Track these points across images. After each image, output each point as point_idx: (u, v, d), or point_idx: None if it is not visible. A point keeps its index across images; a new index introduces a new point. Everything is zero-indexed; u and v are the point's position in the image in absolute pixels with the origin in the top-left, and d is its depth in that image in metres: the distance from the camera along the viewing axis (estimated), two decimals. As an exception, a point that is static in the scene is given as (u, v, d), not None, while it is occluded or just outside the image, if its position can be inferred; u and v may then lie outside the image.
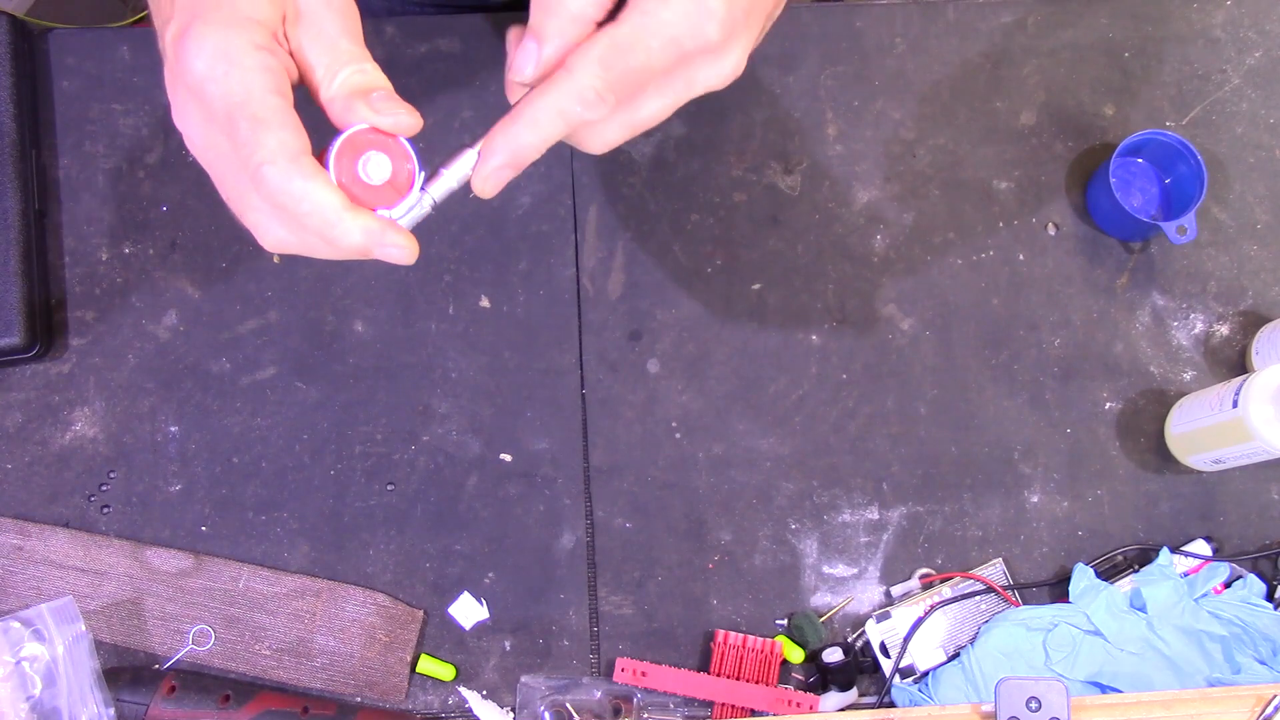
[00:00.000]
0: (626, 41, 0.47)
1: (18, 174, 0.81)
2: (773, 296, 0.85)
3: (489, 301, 0.84)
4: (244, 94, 0.45)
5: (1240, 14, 0.90)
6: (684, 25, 0.47)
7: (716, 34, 0.48)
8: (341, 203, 0.46)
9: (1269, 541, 0.81)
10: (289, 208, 0.46)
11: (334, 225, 0.46)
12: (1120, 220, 0.84)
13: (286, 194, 0.45)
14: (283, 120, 0.46)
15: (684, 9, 0.47)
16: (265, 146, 0.45)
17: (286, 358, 0.83)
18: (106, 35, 0.87)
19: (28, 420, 0.81)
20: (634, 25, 0.47)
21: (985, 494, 0.82)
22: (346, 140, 0.48)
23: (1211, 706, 0.65)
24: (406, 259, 0.48)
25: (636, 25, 0.47)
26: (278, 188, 0.45)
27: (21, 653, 0.73)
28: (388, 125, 0.48)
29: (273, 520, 0.81)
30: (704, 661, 0.79)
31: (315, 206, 0.46)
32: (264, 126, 0.45)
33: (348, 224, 0.46)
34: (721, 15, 0.47)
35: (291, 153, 0.45)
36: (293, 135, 0.46)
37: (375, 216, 0.48)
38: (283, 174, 0.45)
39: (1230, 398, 0.75)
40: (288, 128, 0.46)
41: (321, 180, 0.46)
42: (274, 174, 0.45)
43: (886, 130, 0.88)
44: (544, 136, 0.48)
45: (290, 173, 0.45)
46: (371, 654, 0.78)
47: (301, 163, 0.46)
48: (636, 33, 0.47)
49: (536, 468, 0.82)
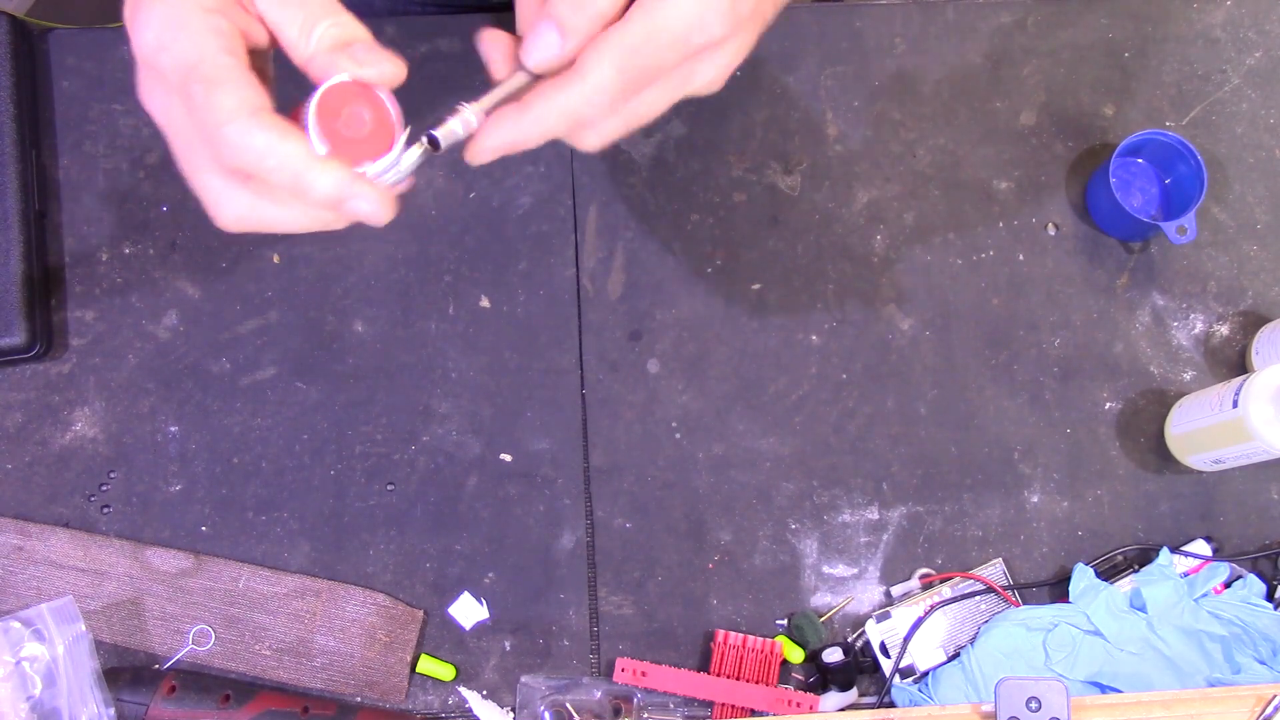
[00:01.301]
0: (637, 43, 0.46)
1: (18, 174, 0.81)
2: (773, 296, 0.85)
3: (489, 301, 0.84)
4: (196, 57, 0.44)
5: (1240, 14, 0.90)
6: (692, 22, 0.47)
7: (721, 30, 0.48)
8: (308, 152, 0.45)
9: (1269, 541, 0.81)
10: (253, 165, 0.44)
11: (301, 175, 0.44)
12: (1120, 220, 0.84)
13: (250, 150, 0.44)
14: (237, 79, 0.44)
15: (692, 6, 0.47)
16: (222, 107, 0.44)
17: (286, 358, 0.83)
18: (106, 35, 0.87)
19: (28, 420, 0.81)
20: (644, 26, 0.46)
21: (985, 494, 0.82)
22: (325, 94, 0.45)
23: (1211, 706, 0.65)
24: (378, 217, 0.46)
25: (646, 26, 0.46)
26: (240, 145, 0.44)
27: (21, 653, 0.73)
28: (372, 76, 0.46)
29: (273, 520, 0.81)
30: (704, 661, 0.79)
31: (281, 159, 0.44)
32: (218, 87, 0.44)
33: (316, 173, 0.44)
34: (726, 9, 0.47)
35: (251, 109, 0.44)
36: (250, 92, 0.44)
37: (344, 167, 0.45)
38: (243, 130, 0.44)
39: (1230, 398, 0.75)
40: (244, 86, 0.44)
41: (285, 131, 0.44)
42: (234, 132, 0.44)
43: (886, 130, 0.88)
44: (546, 131, 0.48)
45: (251, 128, 0.44)
46: (371, 654, 0.78)
47: (262, 118, 0.44)
48: (647, 34, 0.46)
49: (536, 468, 0.82)
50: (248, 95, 0.44)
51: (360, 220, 0.47)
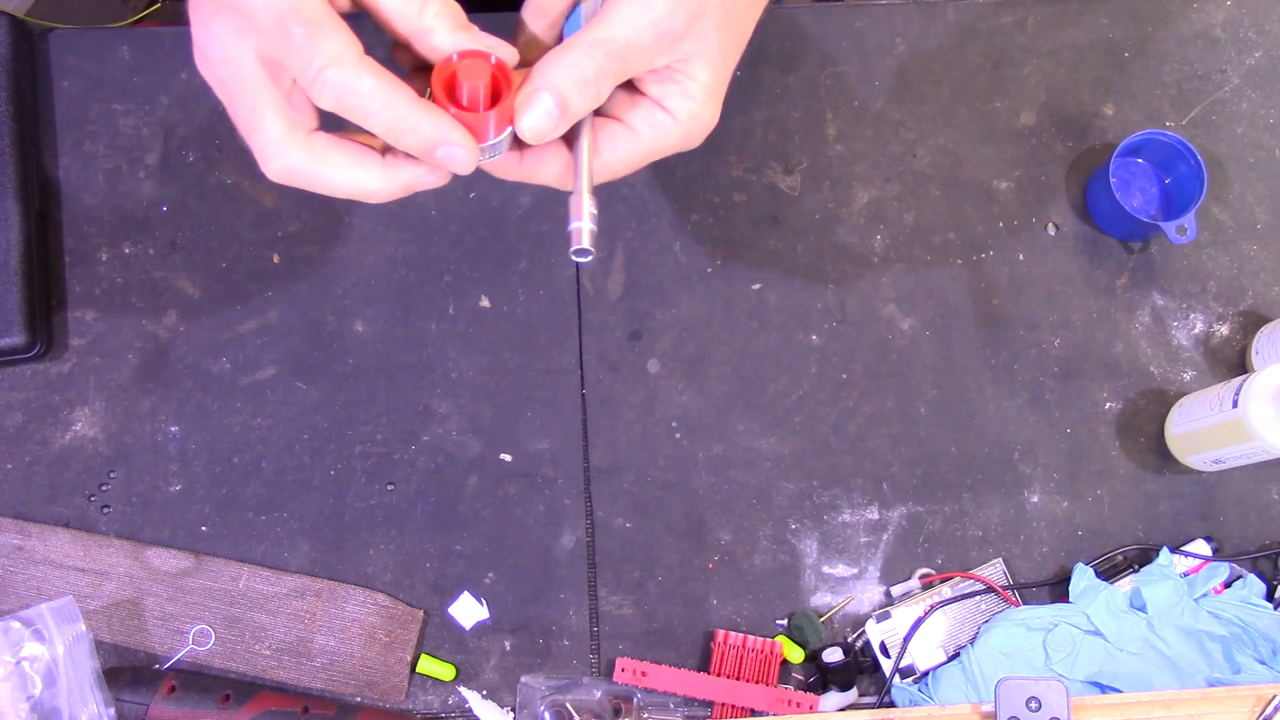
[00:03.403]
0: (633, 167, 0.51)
1: (18, 174, 0.81)
2: (773, 296, 0.85)
3: (489, 301, 0.84)
4: (294, 2, 0.45)
5: (1240, 14, 0.90)
6: (684, 146, 0.52)
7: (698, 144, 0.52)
8: (413, 97, 0.46)
9: (1269, 541, 0.81)
10: (356, 107, 0.45)
11: (405, 118, 0.46)
12: (1120, 220, 0.84)
13: (354, 93, 0.45)
14: (336, 24, 0.46)
15: (687, 139, 0.51)
16: (326, 50, 0.45)
17: (286, 358, 0.83)
18: (106, 35, 0.87)
19: (28, 420, 0.81)
20: (639, 156, 0.51)
21: (985, 494, 0.82)
22: (456, 62, 0.47)
23: (1211, 706, 0.65)
24: (466, 166, 0.48)
25: (641, 156, 0.51)
26: (345, 87, 0.45)
27: (21, 653, 0.73)
28: (505, 56, 0.47)
29: (273, 520, 0.81)
30: (704, 661, 0.79)
31: (387, 102, 0.45)
32: (321, 30, 0.45)
33: (421, 117, 0.46)
34: (710, 129, 0.52)
35: (355, 53, 0.45)
36: (350, 37, 0.46)
37: (445, 113, 0.47)
38: (350, 74, 0.45)
39: (1230, 398, 0.75)
40: (344, 31, 0.46)
41: (390, 77, 0.46)
42: (340, 74, 0.45)
43: (886, 130, 0.88)
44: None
45: (359, 71, 0.45)
46: (371, 654, 0.78)
47: (366, 62, 0.46)
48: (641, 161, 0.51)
49: (536, 468, 0.82)
50: (349, 39, 0.46)
51: (452, 166, 0.48)
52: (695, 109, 0.50)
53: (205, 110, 0.86)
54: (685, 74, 0.50)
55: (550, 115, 0.47)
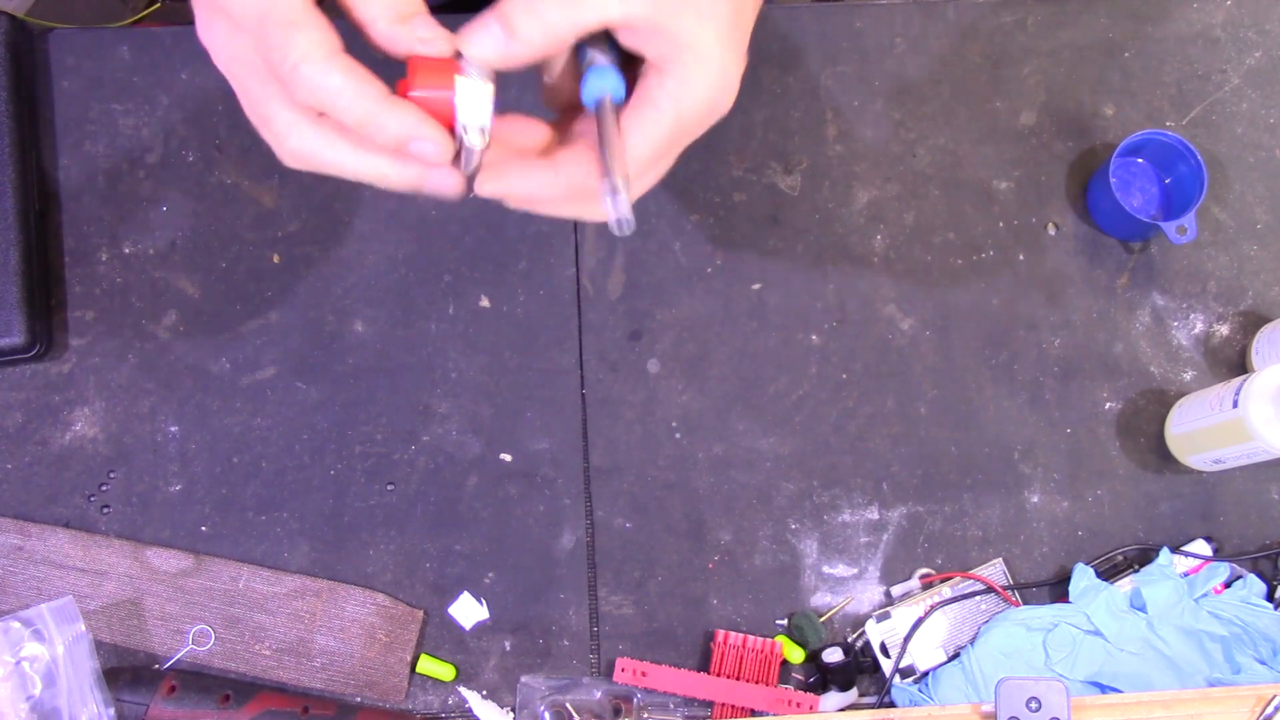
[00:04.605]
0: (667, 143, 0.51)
1: (18, 174, 0.81)
2: (773, 296, 0.85)
3: (489, 301, 0.84)
4: (270, 2, 0.46)
5: (1240, 14, 0.90)
6: (715, 102, 0.51)
7: (730, 103, 0.51)
8: (381, 92, 0.46)
9: (1269, 541, 0.81)
10: (327, 103, 0.46)
11: (373, 114, 0.46)
12: (1120, 220, 0.84)
13: (324, 89, 0.46)
14: (311, 21, 0.46)
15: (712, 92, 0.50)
16: (298, 47, 0.45)
17: (286, 358, 0.83)
18: (106, 35, 0.87)
19: (28, 420, 0.81)
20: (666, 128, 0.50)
21: (985, 494, 0.82)
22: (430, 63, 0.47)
23: (1211, 706, 0.65)
24: (437, 157, 0.48)
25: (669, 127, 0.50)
26: (316, 84, 0.45)
27: (21, 653, 0.73)
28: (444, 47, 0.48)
29: (273, 520, 0.81)
30: (704, 661, 0.79)
31: (354, 98, 0.46)
32: (294, 28, 0.45)
33: (388, 113, 0.46)
34: (734, 84, 0.51)
35: (326, 50, 0.46)
36: (324, 34, 0.46)
37: (415, 108, 0.47)
38: (320, 70, 0.45)
39: (1230, 398, 0.75)
40: (318, 28, 0.46)
41: (358, 72, 0.46)
42: (310, 71, 0.45)
43: (886, 130, 0.88)
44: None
45: (328, 68, 0.45)
46: (371, 654, 0.78)
47: (337, 59, 0.46)
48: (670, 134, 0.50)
49: (536, 468, 0.82)
50: (322, 36, 0.46)
51: (424, 160, 0.48)
52: (705, 57, 0.49)
53: (205, 110, 0.86)
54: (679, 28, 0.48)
55: (495, 37, 0.47)
